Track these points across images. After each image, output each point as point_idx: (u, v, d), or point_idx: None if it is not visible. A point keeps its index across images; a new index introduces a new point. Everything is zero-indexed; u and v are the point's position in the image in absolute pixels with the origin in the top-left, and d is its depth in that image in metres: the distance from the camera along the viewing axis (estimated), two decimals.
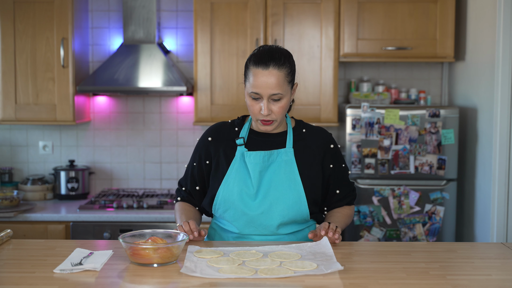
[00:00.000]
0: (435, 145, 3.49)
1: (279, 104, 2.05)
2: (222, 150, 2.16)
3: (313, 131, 2.21)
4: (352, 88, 3.92)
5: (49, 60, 3.68)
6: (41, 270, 1.77)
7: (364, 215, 3.52)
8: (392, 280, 1.71)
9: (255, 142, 2.15)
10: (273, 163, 2.11)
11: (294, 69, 2.09)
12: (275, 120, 2.07)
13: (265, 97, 2.02)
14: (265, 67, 2.01)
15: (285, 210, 2.08)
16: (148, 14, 3.82)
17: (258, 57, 2.04)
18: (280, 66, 2.02)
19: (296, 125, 2.21)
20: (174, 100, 4.05)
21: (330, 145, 2.19)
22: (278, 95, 2.03)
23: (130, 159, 4.09)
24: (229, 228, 2.16)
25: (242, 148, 2.13)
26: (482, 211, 3.38)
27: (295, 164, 2.11)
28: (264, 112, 2.03)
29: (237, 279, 1.68)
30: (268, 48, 2.07)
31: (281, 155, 2.12)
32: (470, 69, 3.59)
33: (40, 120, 3.71)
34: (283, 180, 2.09)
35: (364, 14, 3.66)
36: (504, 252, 2.02)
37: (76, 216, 3.48)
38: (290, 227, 2.13)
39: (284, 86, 2.03)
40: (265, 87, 2.01)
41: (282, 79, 2.03)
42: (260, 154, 2.11)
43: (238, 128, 2.19)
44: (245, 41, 3.64)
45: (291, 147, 2.14)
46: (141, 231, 1.94)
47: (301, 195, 2.09)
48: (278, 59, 2.03)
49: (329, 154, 2.18)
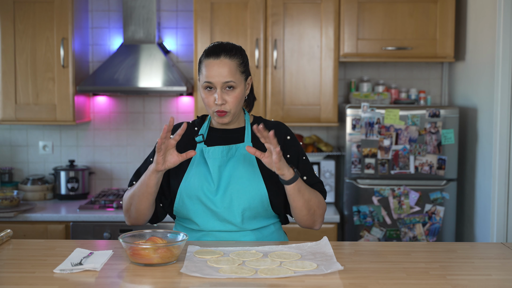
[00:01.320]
0: (435, 145, 3.49)
1: (233, 93, 2.07)
2: (183, 148, 2.15)
3: (271, 126, 2.20)
4: (352, 88, 3.92)
5: (49, 60, 3.68)
6: (41, 270, 1.77)
7: (364, 215, 3.52)
8: (392, 280, 1.71)
9: (214, 138, 2.17)
10: (232, 158, 2.12)
11: (246, 61, 2.14)
12: (229, 111, 2.09)
13: (218, 86, 2.06)
14: (216, 57, 2.07)
15: (247, 203, 2.08)
16: (148, 14, 3.83)
17: (210, 50, 2.10)
18: (231, 56, 2.08)
19: (254, 121, 2.23)
20: (174, 100, 4.05)
21: (287, 137, 2.19)
22: (231, 83, 2.06)
23: (130, 159, 4.09)
24: (192, 227, 2.14)
25: (201, 145, 2.15)
26: (482, 211, 3.38)
27: (254, 157, 2.12)
28: (218, 102, 2.06)
29: (237, 279, 1.68)
30: (220, 43, 2.13)
31: (240, 149, 2.13)
32: (470, 69, 3.59)
33: (40, 120, 3.71)
34: (243, 174, 2.10)
35: (364, 14, 3.66)
36: (504, 252, 2.02)
37: (76, 216, 3.48)
38: (255, 223, 2.12)
39: (237, 75, 2.08)
40: (217, 75, 2.05)
41: (234, 68, 2.07)
42: (219, 148, 2.12)
43: (198, 127, 2.21)
44: (245, 41, 3.64)
45: (250, 141, 2.15)
46: (141, 231, 1.94)
47: (261, 188, 2.09)
48: (229, 50, 2.09)
49: (286, 146, 2.18)
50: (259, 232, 2.14)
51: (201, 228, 2.12)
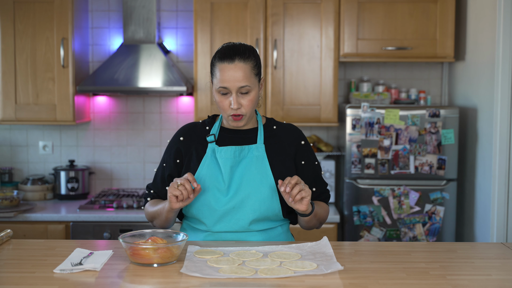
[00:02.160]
0: (435, 145, 3.49)
1: (248, 97, 2.06)
2: (194, 149, 2.15)
3: (284, 128, 2.20)
4: (352, 88, 3.92)
5: (49, 60, 3.68)
6: (41, 270, 1.77)
7: (364, 215, 3.52)
8: (392, 280, 1.71)
9: (226, 139, 2.15)
10: (245, 159, 2.11)
11: (259, 62, 2.11)
12: (244, 115, 2.08)
13: (234, 91, 2.04)
14: (230, 61, 2.04)
15: (257, 205, 2.07)
16: (148, 14, 3.83)
17: (223, 53, 2.06)
18: (245, 59, 2.05)
19: (267, 122, 2.22)
20: (174, 100, 4.05)
21: (301, 142, 2.19)
22: (246, 88, 2.04)
23: (130, 159, 4.09)
24: (200, 227, 2.14)
25: (213, 145, 2.13)
26: (482, 211, 3.38)
27: (266, 159, 2.11)
28: (233, 106, 2.04)
29: (237, 279, 1.68)
30: (232, 44, 2.10)
31: (252, 151, 2.12)
32: (470, 69, 3.59)
33: (40, 120, 3.71)
34: (255, 175, 2.08)
35: (364, 14, 3.66)
36: (504, 252, 2.02)
37: (76, 216, 3.48)
38: (263, 224, 2.11)
39: (252, 79, 2.05)
40: (232, 80, 2.03)
41: (249, 71, 2.05)
42: (231, 149, 2.11)
43: (209, 127, 2.20)
44: (245, 41, 3.64)
45: (262, 143, 2.14)
46: (141, 231, 1.94)
47: (273, 191, 2.08)
48: (242, 52, 2.05)
49: (301, 151, 2.18)
50: (266, 233, 2.14)
51: (208, 228, 2.11)
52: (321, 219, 2.17)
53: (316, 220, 2.14)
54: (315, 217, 2.11)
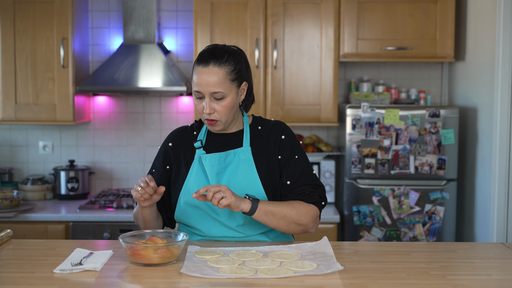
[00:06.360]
0: (435, 145, 3.49)
1: (222, 103, 2.01)
2: (183, 155, 2.13)
3: (268, 126, 2.15)
4: (352, 88, 3.92)
5: (49, 60, 3.68)
6: (41, 270, 1.77)
7: (364, 215, 3.52)
8: (392, 280, 1.71)
9: (213, 144, 2.13)
10: (231, 164, 2.08)
11: (240, 67, 2.04)
12: (219, 120, 2.03)
13: (207, 95, 2.00)
14: (205, 65, 1.99)
15: None
16: (148, 14, 3.83)
17: (201, 56, 2.03)
18: (221, 64, 1.99)
19: (252, 122, 2.16)
20: (174, 100, 4.05)
21: (281, 136, 2.13)
22: (219, 94, 1.99)
23: (130, 159, 4.09)
24: (197, 233, 2.13)
25: (200, 151, 2.10)
26: (482, 211, 3.38)
27: (252, 162, 2.07)
28: (206, 111, 2.00)
29: (237, 279, 1.68)
30: (213, 47, 2.05)
31: (238, 155, 2.09)
32: (470, 69, 3.59)
33: (40, 120, 3.71)
34: (241, 180, 2.06)
35: (364, 14, 3.66)
36: (504, 252, 2.02)
37: (76, 216, 3.48)
38: (258, 227, 2.09)
39: (226, 84, 2.00)
40: (205, 85, 1.99)
41: (223, 77, 1.99)
42: (216, 156, 2.08)
43: (196, 132, 2.17)
44: (245, 41, 3.64)
45: (248, 145, 2.10)
46: (141, 231, 1.95)
47: (260, 193, 2.05)
48: (220, 56, 2.00)
49: (280, 146, 2.12)
50: (265, 235, 2.13)
51: (205, 234, 2.11)
52: (287, 218, 2.01)
53: (277, 220, 2.00)
54: (274, 218, 1.99)
